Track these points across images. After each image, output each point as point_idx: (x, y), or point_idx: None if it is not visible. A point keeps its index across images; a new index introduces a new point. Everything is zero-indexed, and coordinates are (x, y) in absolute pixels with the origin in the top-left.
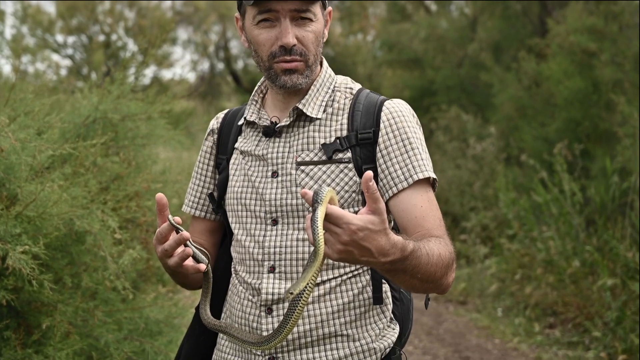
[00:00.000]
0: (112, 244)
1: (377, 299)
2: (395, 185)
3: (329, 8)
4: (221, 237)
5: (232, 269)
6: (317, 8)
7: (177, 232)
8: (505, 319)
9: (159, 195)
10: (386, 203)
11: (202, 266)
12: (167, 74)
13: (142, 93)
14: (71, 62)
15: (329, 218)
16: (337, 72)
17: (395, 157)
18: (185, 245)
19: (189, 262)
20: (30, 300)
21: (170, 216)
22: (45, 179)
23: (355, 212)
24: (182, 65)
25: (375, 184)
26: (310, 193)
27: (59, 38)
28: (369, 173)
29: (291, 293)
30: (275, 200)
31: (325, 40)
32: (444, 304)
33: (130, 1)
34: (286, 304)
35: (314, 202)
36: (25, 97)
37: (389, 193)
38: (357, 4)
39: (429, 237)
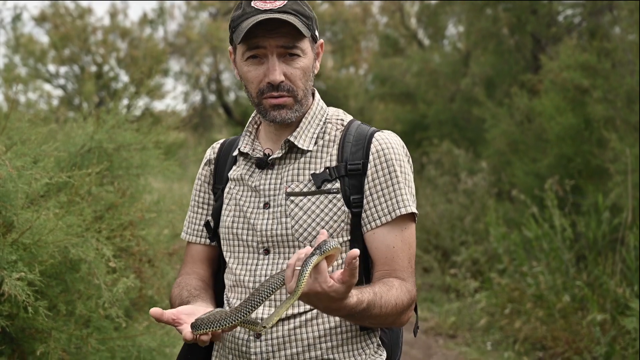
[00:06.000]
0: (106, 273)
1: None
2: (377, 219)
3: (320, 41)
4: (218, 265)
5: (224, 296)
6: (305, 43)
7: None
8: (495, 352)
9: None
10: (365, 234)
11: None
12: (158, 105)
13: (136, 123)
14: (63, 93)
15: (316, 267)
16: (328, 105)
17: (382, 189)
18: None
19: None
20: (25, 327)
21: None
22: (41, 207)
23: (344, 242)
24: (174, 96)
25: (357, 261)
26: (323, 237)
27: (51, 68)
28: (356, 251)
29: (264, 327)
30: (266, 230)
31: (316, 72)
32: (434, 337)
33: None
34: (275, 328)
35: (317, 249)
36: (21, 125)
37: (370, 225)
38: (350, 38)
39: (392, 281)
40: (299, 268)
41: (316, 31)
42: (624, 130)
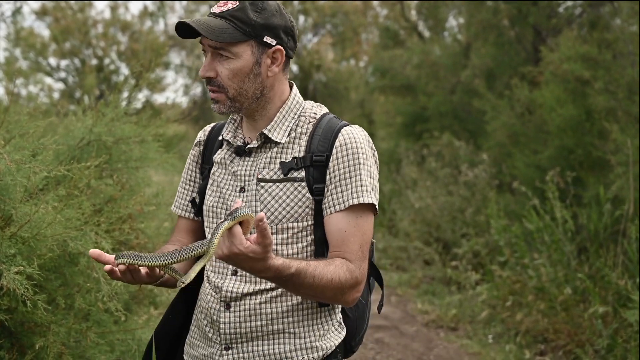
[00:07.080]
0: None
1: (322, 302)
2: (333, 207)
3: (276, 47)
4: (203, 237)
5: (204, 270)
6: (237, 47)
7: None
8: (496, 345)
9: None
10: (323, 219)
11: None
12: (159, 98)
13: (135, 116)
14: (64, 86)
15: (230, 232)
16: (329, 98)
17: (341, 180)
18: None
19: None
20: (24, 321)
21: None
22: (40, 200)
23: (308, 225)
24: (175, 89)
25: (265, 223)
26: (237, 205)
27: (52, 61)
28: (260, 214)
29: (183, 282)
30: None
31: (270, 75)
32: (435, 330)
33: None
34: (243, 302)
35: (229, 215)
36: (20, 119)
37: (328, 212)
38: (350, 30)
39: (334, 259)
40: None
41: (266, 37)
42: (625, 122)
